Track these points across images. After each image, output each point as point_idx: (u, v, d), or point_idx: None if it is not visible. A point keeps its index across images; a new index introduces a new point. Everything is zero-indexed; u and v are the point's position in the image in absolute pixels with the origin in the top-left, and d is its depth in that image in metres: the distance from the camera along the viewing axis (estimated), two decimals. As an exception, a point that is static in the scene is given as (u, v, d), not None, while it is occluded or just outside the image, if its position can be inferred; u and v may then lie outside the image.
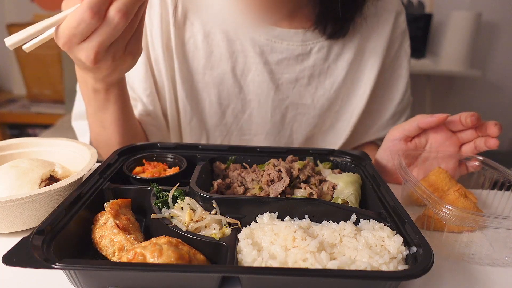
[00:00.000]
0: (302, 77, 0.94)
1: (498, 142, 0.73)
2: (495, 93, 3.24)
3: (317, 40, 0.91)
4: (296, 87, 0.94)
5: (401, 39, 1.00)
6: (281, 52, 0.91)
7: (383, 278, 0.45)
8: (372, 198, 0.66)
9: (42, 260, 0.42)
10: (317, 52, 0.92)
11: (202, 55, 0.92)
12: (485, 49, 3.10)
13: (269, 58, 0.91)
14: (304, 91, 0.95)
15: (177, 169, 0.73)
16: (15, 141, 0.77)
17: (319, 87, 0.95)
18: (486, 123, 0.74)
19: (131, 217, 0.57)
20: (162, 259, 0.46)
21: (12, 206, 0.56)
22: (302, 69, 0.93)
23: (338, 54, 0.94)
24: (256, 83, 0.93)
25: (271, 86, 0.93)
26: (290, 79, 0.94)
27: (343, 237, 0.53)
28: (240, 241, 0.52)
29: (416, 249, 0.49)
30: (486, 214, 0.55)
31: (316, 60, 0.93)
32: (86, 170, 0.65)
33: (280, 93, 0.95)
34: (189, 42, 0.91)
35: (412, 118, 0.78)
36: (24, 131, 3.10)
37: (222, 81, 0.93)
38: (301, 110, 0.97)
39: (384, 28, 0.96)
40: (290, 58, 0.91)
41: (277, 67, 0.92)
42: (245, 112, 0.96)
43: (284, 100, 0.96)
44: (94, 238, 0.54)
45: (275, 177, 0.68)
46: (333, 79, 0.95)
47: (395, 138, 0.80)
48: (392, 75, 1.02)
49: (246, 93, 0.94)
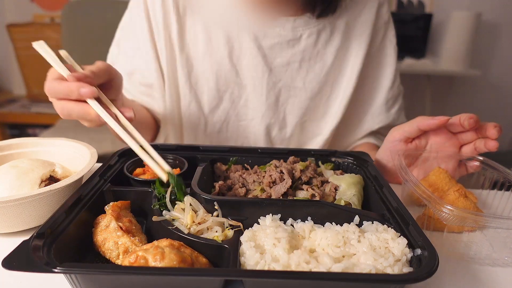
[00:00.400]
0: (294, 61, 1.00)
1: (498, 144, 0.73)
2: (495, 93, 3.24)
3: (307, 27, 0.98)
4: (288, 70, 1.01)
5: (385, 29, 1.06)
6: (273, 38, 0.97)
7: (389, 281, 0.44)
8: (374, 199, 0.66)
9: (42, 264, 0.42)
10: (307, 38, 0.98)
11: (201, 41, 0.97)
12: (485, 49, 3.10)
13: (262, 43, 0.97)
14: (296, 74, 1.01)
15: (178, 171, 0.72)
16: (15, 141, 0.76)
17: (309, 71, 1.02)
18: (486, 124, 0.74)
19: (132, 219, 0.57)
20: (164, 262, 0.45)
21: (12, 206, 0.56)
22: (294, 54, 0.99)
23: (327, 40, 1.00)
24: (251, 67, 0.98)
25: (265, 69, 0.99)
26: (282, 63, 1.00)
27: (346, 239, 0.53)
28: (243, 244, 0.52)
29: (421, 251, 0.49)
30: (486, 214, 0.55)
31: (306, 45, 0.99)
32: (86, 170, 0.64)
33: (273, 76, 1.00)
34: (190, 31, 0.97)
35: (412, 120, 0.78)
36: (24, 131, 3.10)
37: (219, 66, 0.98)
38: (293, 92, 1.03)
39: (367, 16, 1.02)
40: (282, 43, 0.98)
41: (270, 52, 0.98)
42: (241, 97, 1.02)
43: (277, 82, 1.01)
44: (96, 241, 0.54)
45: (277, 178, 0.68)
46: (323, 63, 1.02)
47: (395, 139, 0.80)
48: (379, 63, 1.08)
49: (242, 78, 1.00)
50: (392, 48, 1.08)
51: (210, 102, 1.01)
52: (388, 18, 1.07)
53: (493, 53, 3.14)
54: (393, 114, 1.10)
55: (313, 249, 0.53)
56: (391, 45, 1.08)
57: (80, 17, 2.50)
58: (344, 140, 1.12)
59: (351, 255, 0.51)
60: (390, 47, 1.08)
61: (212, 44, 0.97)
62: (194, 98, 1.01)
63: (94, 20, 2.47)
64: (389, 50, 1.08)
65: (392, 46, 1.08)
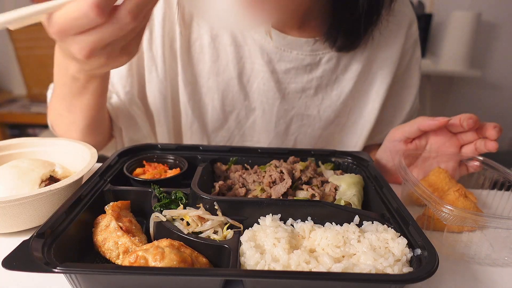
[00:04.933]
0: (309, 88, 0.92)
1: (497, 145, 0.73)
2: (495, 93, 3.24)
3: (327, 50, 0.90)
4: (302, 97, 0.93)
5: (413, 48, 0.99)
6: (290, 61, 0.89)
7: (389, 281, 0.44)
8: (374, 199, 0.66)
9: (42, 264, 0.42)
10: (326, 62, 0.91)
11: (208, 58, 0.90)
12: (485, 49, 3.10)
13: (276, 66, 0.90)
14: (310, 102, 0.94)
15: (178, 171, 0.72)
16: (15, 141, 0.76)
17: (325, 98, 0.94)
18: (486, 125, 0.74)
19: (132, 219, 0.57)
20: (164, 262, 0.45)
21: (12, 206, 0.56)
22: (310, 80, 0.92)
23: (347, 65, 0.92)
24: (262, 92, 0.91)
25: (277, 96, 0.92)
26: (297, 89, 0.92)
27: (346, 239, 0.53)
28: (243, 244, 0.52)
29: (421, 251, 0.49)
30: (486, 214, 0.55)
31: (325, 70, 0.91)
32: (86, 170, 0.64)
33: (285, 103, 0.93)
34: (195, 44, 0.89)
35: (413, 120, 0.78)
36: (24, 131, 3.10)
37: (227, 86, 0.91)
38: (306, 121, 0.96)
39: (396, 39, 0.94)
40: (298, 68, 0.90)
41: (285, 76, 0.91)
42: (248, 119, 0.95)
43: (289, 110, 0.94)
44: (96, 241, 0.54)
45: (277, 178, 0.68)
46: (340, 90, 0.94)
47: (395, 139, 0.80)
48: (403, 86, 1.01)
49: (251, 100, 0.93)
50: (417, 69, 1.01)
51: (214, 122, 0.95)
52: (417, 37, 0.99)
53: (493, 53, 3.13)
54: None
55: (313, 249, 0.53)
56: (416, 65, 1.01)
57: (80, 17, 2.49)
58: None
59: (351, 255, 0.51)
60: (416, 68, 1.01)
61: (220, 62, 0.89)
62: (197, 118, 0.94)
63: (94, 20, 2.46)
64: (415, 71, 1.01)
65: (418, 66, 1.01)
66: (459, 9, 2.85)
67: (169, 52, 0.89)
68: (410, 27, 0.96)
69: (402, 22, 0.94)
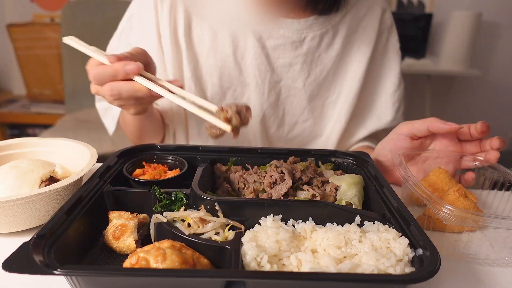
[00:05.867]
0: (296, 63, 1.01)
1: (498, 155, 0.74)
2: (495, 93, 3.24)
3: (311, 29, 1.00)
4: (290, 71, 1.02)
5: (388, 33, 1.08)
6: (277, 38, 0.99)
7: (391, 282, 0.44)
8: (375, 199, 0.66)
9: (43, 266, 0.41)
10: (310, 40, 1.00)
11: (207, 38, 0.99)
12: (485, 49, 3.10)
13: (266, 43, 0.99)
14: (297, 75, 1.03)
15: (178, 171, 0.72)
16: (15, 141, 0.76)
17: (311, 73, 1.03)
18: (490, 138, 0.76)
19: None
20: (166, 263, 0.45)
21: (12, 206, 0.56)
22: (296, 56, 1.01)
23: (329, 44, 1.02)
24: (254, 66, 1.00)
25: (268, 69, 1.01)
26: (285, 64, 1.01)
27: (348, 240, 0.53)
28: (244, 244, 0.52)
29: (422, 251, 0.49)
30: (486, 214, 0.55)
31: (309, 48, 1.01)
32: (86, 170, 0.64)
33: (275, 75, 1.02)
34: (196, 27, 0.99)
35: (424, 119, 0.78)
36: (24, 131, 3.10)
37: (224, 63, 0.99)
38: (293, 92, 1.04)
39: (370, 22, 1.04)
40: (285, 44, 0.99)
41: (273, 52, 1.00)
42: (244, 95, 1.03)
43: (278, 82, 1.03)
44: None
45: (278, 179, 0.68)
46: (323, 67, 1.03)
47: (403, 132, 0.80)
48: (382, 67, 1.09)
49: (245, 76, 1.01)
50: (395, 53, 1.09)
51: (213, 97, 1.03)
52: (391, 23, 1.09)
53: (493, 53, 3.14)
54: (399, 117, 1.10)
55: (315, 249, 0.53)
56: (394, 50, 1.09)
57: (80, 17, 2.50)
58: (346, 142, 1.13)
59: (352, 255, 0.51)
60: (393, 51, 1.09)
61: (217, 42, 0.99)
62: (199, 92, 1.02)
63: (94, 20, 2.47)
64: (392, 54, 1.09)
65: (395, 50, 1.09)
66: (459, 9, 2.86)
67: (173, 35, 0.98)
68: (384, 13, 1.06)
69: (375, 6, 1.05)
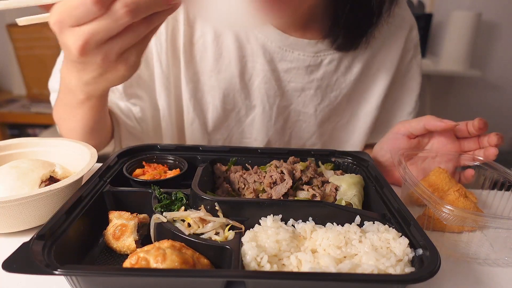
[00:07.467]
0: (309, 88, 0.94)
1: (497, 152, 0.74)
2: (495, 93, 3.24)
3: (328, 52, 0.91)
4: (301, 95, 0.95)
5: (414, 52, 1.00)
6: (291, 61, 0.90)
7: (391, 282, 0.44)
8: (375, 199, 0.66)
9: (43, 266, 0.41)
10: (327, 64, 0.92)
11: (211, 56, 0.90)
12: (485, 49, 3.10)
13: (278, 65, 0.91)
14: (309, 101, 0.95)
15: (178, 171, 0.72)
16: (15, 141, 0.76)
17: (324, 99, 0.96)
18: (488, 134, 0.75)
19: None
20: (166, 263, 0.45)
21: (12, 206, 0.55)
22: (310, 81, 0.93)
23: (347, 67, 0.93)
24: (263, 90, 0.92)
25: (277, 94, 0.93)
26: (296, 88, 0.94)
27: (348, 240, 0.53)
28: (244, 244, 0.52)
29: (422, 251, 0.49)
30: (486, 214, 0.55)
31: (325, 72, 0.92)
32: (86, 170, 0.64)
33: (284, 100, 0.95)
34: (198, 42, 0.90)
35: (420, 117, 0.78)
36: (24, 131, 3.10)
37: (229, 85, 0.92)
38: (302, 117, 0.98)
39: (396, 42, 0.95)
40: (299, 68, 0.91)
41: (285, 75, 0.92)
42: (248, 117, 0.96)
43: (288, 106, 0.96)
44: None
45: (278, 179, 0.68)
46: (339, 92, 0.95)
47: (400, 132, 0.80)
48: (402, 88, 1.02)
49: (251, 99, 0.94)
50: (417, 73, 1.02)
51: (214, 120, 0.95)
52: (417, 41, 1.01)
53: (493, 53, 3.14)
54: None
55: (315, 249, 0.53)
56: (417, 69, 1.02)
57: (80, 17, 2.49)
58: None
59: (352, 255, 0.51)
60: (416, 71, 1.02)
61: (223, 60, 0.90)
62: (198, 116, 0.95)
63: (94, 20, 2.46)
64: (414, 74, 1.02)
65: (418, 70, 1.03)
66: (459, 9, 2.86)
67: (172, 50, 0.89)
68: (411, 31, 0.97)
69: (402, 25, 0.96)
